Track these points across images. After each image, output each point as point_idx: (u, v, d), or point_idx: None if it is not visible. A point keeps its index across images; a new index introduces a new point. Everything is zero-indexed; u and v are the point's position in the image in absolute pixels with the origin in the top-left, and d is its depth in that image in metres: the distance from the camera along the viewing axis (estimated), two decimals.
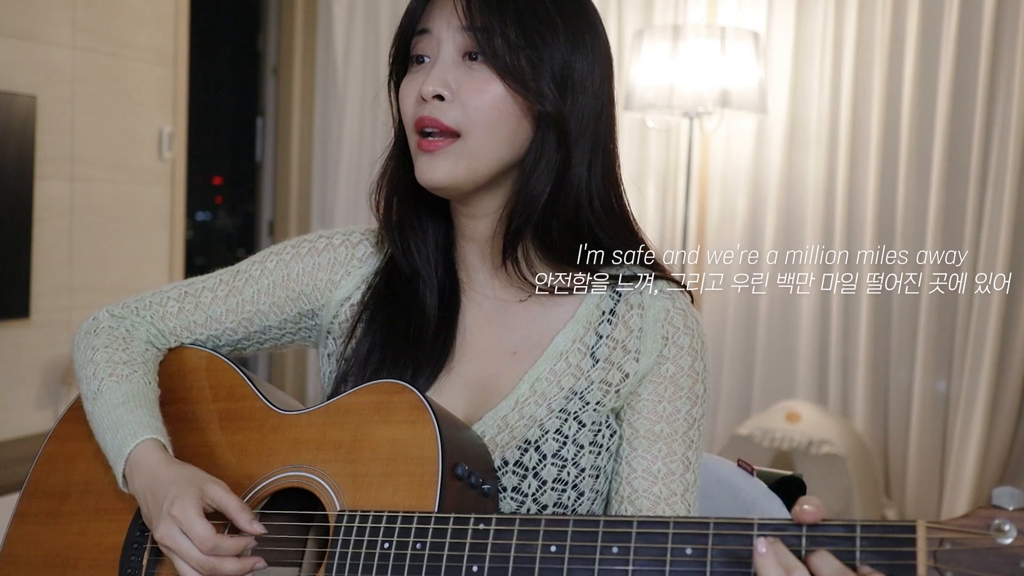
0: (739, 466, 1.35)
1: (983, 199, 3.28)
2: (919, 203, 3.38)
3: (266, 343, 1.30)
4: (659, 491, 1.12)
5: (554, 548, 0.94)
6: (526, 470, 1.12)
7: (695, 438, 1.15)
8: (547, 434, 1.13)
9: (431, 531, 0.98)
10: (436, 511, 0.99)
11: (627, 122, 3.70)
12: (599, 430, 1.14)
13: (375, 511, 1.01)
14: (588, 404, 1.14)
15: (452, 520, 0.97)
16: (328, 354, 1.25)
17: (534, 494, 1.12)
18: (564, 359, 1.15)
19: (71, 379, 3.33)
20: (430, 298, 1.19)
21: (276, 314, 1.26)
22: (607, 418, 1.15)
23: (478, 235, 1.18)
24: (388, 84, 1.19)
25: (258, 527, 1.04)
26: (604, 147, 1.16)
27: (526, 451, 1.13)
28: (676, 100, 3.34)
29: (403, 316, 1.19)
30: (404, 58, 1.16)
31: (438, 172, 1.10)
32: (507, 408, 1.14)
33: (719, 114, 3.43)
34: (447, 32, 1.11)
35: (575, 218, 1.14)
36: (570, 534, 0.93)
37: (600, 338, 1.16)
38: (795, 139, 3.58)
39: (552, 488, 1.13)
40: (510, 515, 0.97)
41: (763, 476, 1.34)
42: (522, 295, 1.18)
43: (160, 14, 3.70)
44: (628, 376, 1.15)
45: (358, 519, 1.01)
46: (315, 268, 1.25)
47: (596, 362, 1.15)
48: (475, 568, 0.95)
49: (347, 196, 4.33)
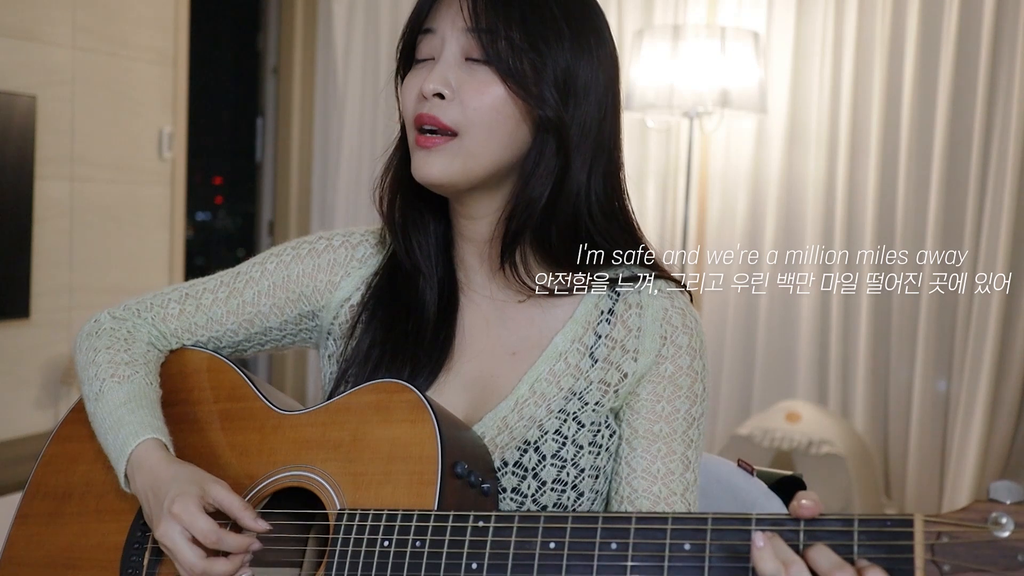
0: (739, 466, 1.35)
1: (983, 199, 3.28)
2: (919, 203, 3.38)
3: (267, 344, 1.30)
4: (659, 491, 1.12)
5: (553, 545, 0.94)
6: (525, 471, 1.12)
7: (694, 437, 1.15)
8: (546, 435, 1.13)
9: (430, 529, 0.98)
10: (436, 509, 0.99)
11: (627, 122, 3.69)
12: (598, 430, 1.14)
13: (375, 510, 1.01)
14: (587, 404, 1.14)
15: (451, 518, 0.97)
16: (329, 355, 1.25)
17: (534, 495, 1.12)
18: (563, 359, 1.15)
19: (71, 379, 3.33)
20: (430, 295, 1.20)
21: (276, 315, 1.26)
22: (606, 418, 1.15)
23: (476, 236, 1.18)
24: (395, 79, 1.19)
25: (263, 524, 1.05)
26: (608, 154, 1.15)
27: (525, 452, 1.13)
28: (676, 100, 3.34)
29: (403, 313, 1.19)
30: (410, 55, 1.17)
31: (433, 169, 1.11)
32: (507, 409, 1.14)
33: (719, 114, 3.43)
34: (451, 32, 1.11)
35: (574, 224, 1.14)
36: (569, 530, 0.94)
37: (599, 338, 1.15)
38: (795, 139, 3.58)
39: (552, 489, 1.12)
40: (509, 512, 0.97)
41: (763, 476, 1.34)
42: (521, 296, 1.18)
43: (160, 14, 3.70)
44: (627, 376, 1.14)
45: (358, 518, 1.02)
46: (315, 269, 1.25)
47: (595, 362, 1.15)
48: (474, 565, 0.95)
49: (347, 196, 4.33)
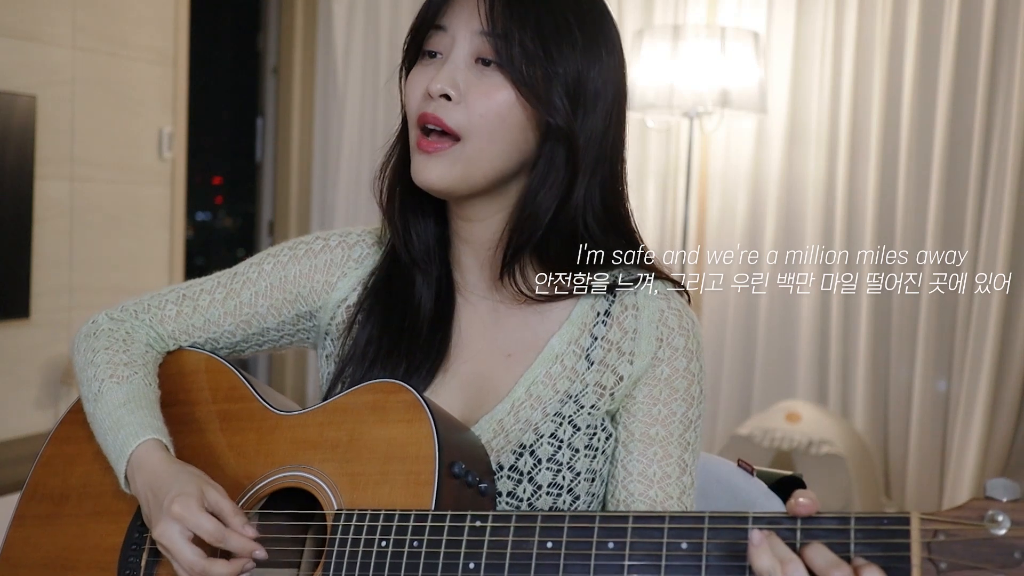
0: (739, 466, 1.35)
1: (983, 199, 3.27)
2: (919, 203, 3.38)
3: (264, 345, 1.30)
4: (655, 495, 1.11)
5: (550, 544, 0.94)
6: (521, 474, 1.12)
7: (691, 440, 1.14)
8: (542, 438, 1.12)
9: (428, 529, 0.98)
10: (433, 509, 0.99)
11: (627, 123, 3.69)
12: (594, 433, 1.13)
13: (372, 510, 1.01)
14: (583, 408, 1.13)
15: (448, 517, 0.97)
16: (327, 355, 1.25)
17: (529, 498, 1.12)
18: (559, 362, 1.14)
19: (71, 379, 3.32)
20: (427, 292, 1.19)
21: (274, 316, 1.26)
22: (602, 421, 1.14)
23: (474, 238, 1.17)
24: (400, 73, 1.17)
25: (250, 531, 1.04)
26: (611, 165, 1.15)
27: (521, 455, 1.12)
28: (676, 100, 3.34)
29: (399, 309, 1.19)
30: (418, 49, 1.15)
31: (432, 174, 1.10)
32: (503, 412, 1.13)
33: (719, 114, 3.43)
34: (464, 33, 1.09)
35: (572, 234, 1.13)
36: (566, 530, 0.93)
37: (595, 340, 1.15)
38: (795, 139, 3.58)
39: (547, 492, 1.12)
40: (506, 512, 0.97)
41: (763, 476, 1.34)
42: (517, 298, 1.17)
43: (160, 14, 3.70)
44: (622, 379, 1.13)
45: (355, 518, 1.01)
46: (312, 270, 1.24)
47: (591, 364, 1.14)
48: (472, 565, 0.95)
49: (347, 196, 4.33)
